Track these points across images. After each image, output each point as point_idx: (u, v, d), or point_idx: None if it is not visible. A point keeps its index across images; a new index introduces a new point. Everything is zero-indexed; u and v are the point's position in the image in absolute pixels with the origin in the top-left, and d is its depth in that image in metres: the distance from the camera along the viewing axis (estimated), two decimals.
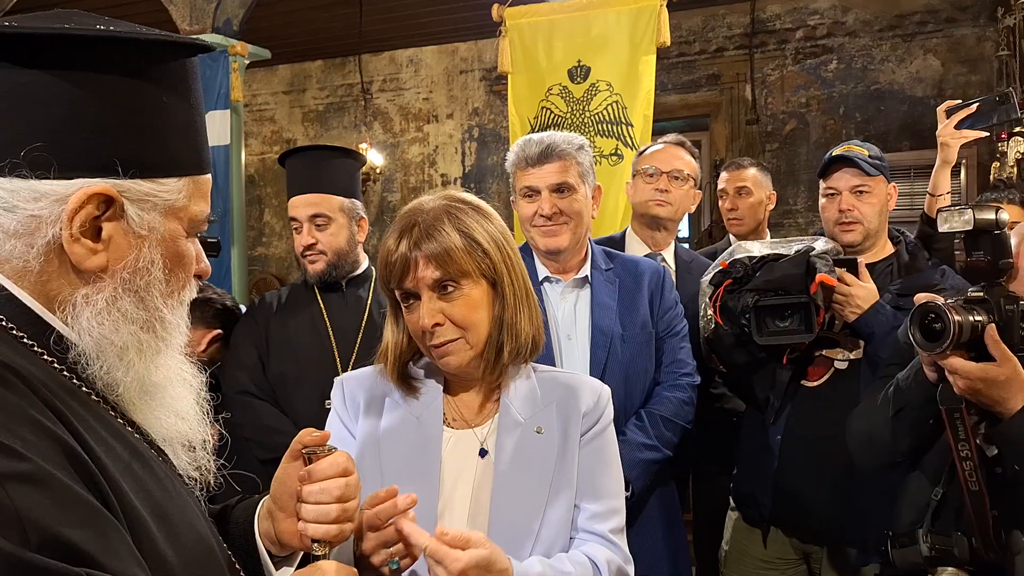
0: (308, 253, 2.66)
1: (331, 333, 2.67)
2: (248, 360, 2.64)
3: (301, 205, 2.65)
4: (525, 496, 1.49)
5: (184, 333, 1.09)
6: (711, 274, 2.63)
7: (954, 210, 1.79)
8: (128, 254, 0.99)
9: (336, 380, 1.67)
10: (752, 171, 3.81)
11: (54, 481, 0.81)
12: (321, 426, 1.27)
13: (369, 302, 2.73)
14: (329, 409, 2.36)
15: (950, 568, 1.77)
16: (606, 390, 1.64)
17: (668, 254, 3.05)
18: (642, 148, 3.27)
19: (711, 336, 2.61)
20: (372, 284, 2.77)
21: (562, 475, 1.52)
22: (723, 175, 3.91)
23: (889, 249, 2.66)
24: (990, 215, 1.73)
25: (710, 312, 2.57)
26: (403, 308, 1.53)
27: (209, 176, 1.09)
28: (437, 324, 1.47)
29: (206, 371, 1.16)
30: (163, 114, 1.01)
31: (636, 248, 3.02)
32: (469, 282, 1.48)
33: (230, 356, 2.71)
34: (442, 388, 1.59)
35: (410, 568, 1.37)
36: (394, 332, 1.59)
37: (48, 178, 0.93)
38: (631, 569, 1.57)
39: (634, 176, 3.10)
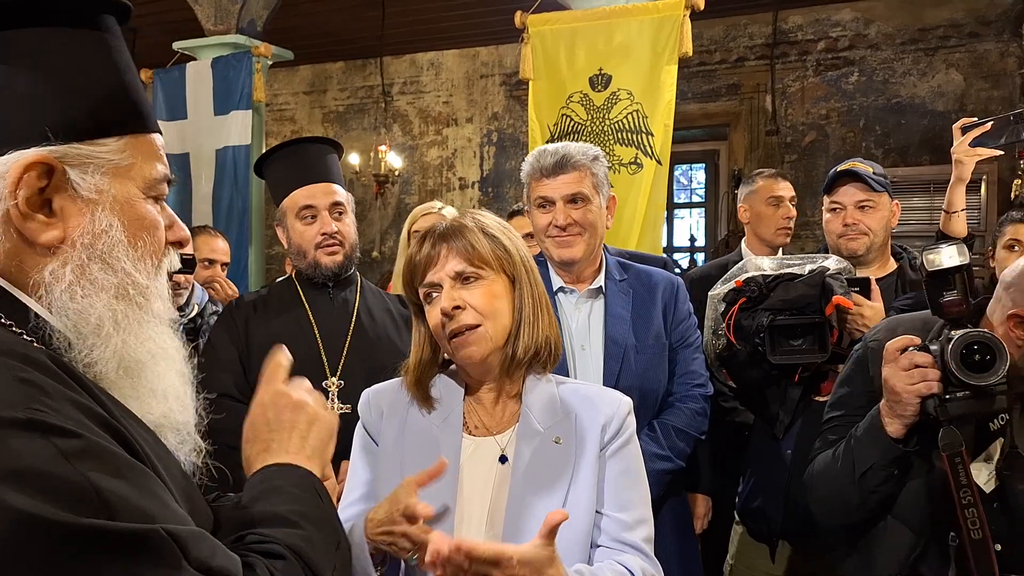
0: (329, 243, 2.52)
1: (318, 336, 2.53)
2: (228, 361, 2.48)
3: (320, 194, 2.52)
4: (541, 504, 1.50)
5: (166, 300, 1.06)
6: (723, 291, 2.63)
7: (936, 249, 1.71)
8: (82, 220, 0.97)
9: (364, 393, 1.71)
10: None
11: (107, 451, 0.84)
12: None
13: (357, 304, 2.63)
14: None
15: None
16: (627, 402, 1.65)
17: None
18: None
19: (724, 352, 2.62)
20: (359, 286, 2.67)
21: (579, 485, 1.53)
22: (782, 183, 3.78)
23: (892, 266, 2.69)
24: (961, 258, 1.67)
25: (723, 330, 2.57)
26: (425, 307, 1.57)
27: (155, 136, 1.06)
28: (457, 307, 1.51)
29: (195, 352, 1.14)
30: (87, 75, 0.98)
31: None
32: (491, 273, 1.54)
33: (208, 357, 2.51)
34: (462, 395, 1.63)
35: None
36: (417, 343, 1.65)
37: None
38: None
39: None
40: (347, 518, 1.59)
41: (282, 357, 1.25)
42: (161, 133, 1.08)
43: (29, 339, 0.94)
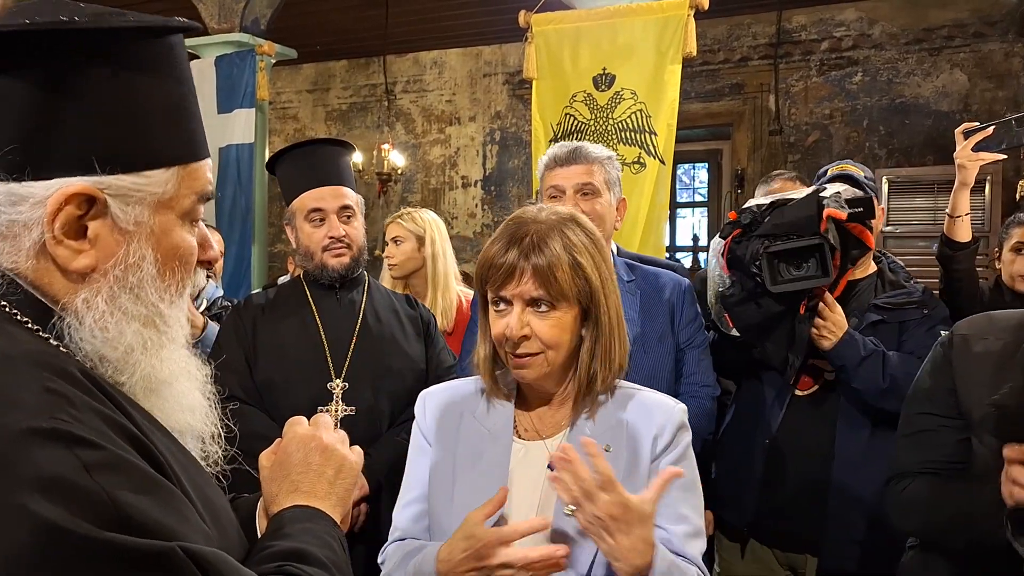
0: (336, 246, 2.53)
1: (324, 337, 2.53)
2: (235, 363, 2.46)
3: (328, 196, 2.53)
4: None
5: (185, 326, 1.06)
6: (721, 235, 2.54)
7: None
8: (116, 251, 0.95)
9: (420, 395, 1.72)
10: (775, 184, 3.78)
11: (129, 465, 0.83)
12: None
13: (363, 306, 2.63)
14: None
15: None
16: (680, 410, 1.60)
17: None
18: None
19: (727, 291, 2.49)
20: (366, 287, 2.68)
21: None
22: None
23: (872, 267, 2.69)
24: None
25: (720, 269, 2.47)
26: (492, 310, 1.55)
27: (205, 161, 1.04)
28: (524, 336, 1.49)
29: (210, 364, 1.15)
30: (142, 104, 0.95)
31: None
32: (564, 305, 1.49)
33: (216, 358, 2.47)
34: (514, 400, 1.63)
35: None
36: (483, 340, 1.62)
37: (24, 180, 0.89)
38: None
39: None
40: (406, 517, 1.64)
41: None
42: (210, 156, 1.07)
43: (63, 350, 0.94)
